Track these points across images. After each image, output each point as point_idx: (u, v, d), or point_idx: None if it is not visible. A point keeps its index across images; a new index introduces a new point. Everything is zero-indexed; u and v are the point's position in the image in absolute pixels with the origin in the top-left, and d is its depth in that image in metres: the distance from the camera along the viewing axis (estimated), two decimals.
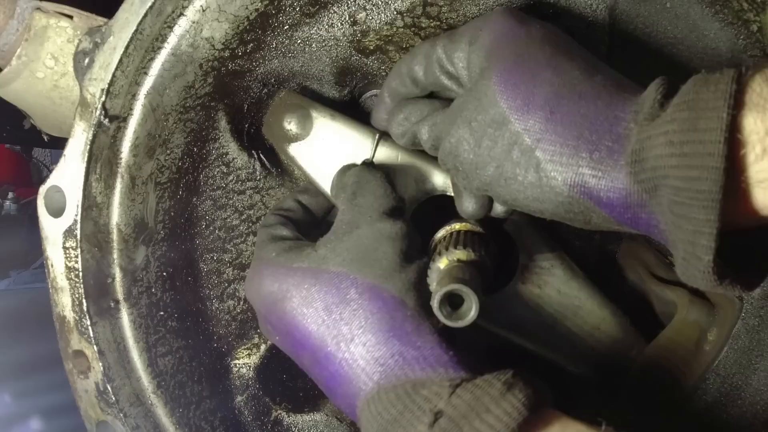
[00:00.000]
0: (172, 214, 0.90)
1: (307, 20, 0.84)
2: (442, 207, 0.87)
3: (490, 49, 0.67)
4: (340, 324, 0.66)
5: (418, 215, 0.86)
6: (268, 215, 0.88)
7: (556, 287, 0.85)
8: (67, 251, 0.83)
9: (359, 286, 0.67)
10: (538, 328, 0.87)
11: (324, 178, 0.87)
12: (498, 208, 0.76)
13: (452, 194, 0.82)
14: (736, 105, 0.48)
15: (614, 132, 0.57)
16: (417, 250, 0.73)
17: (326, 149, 0.86)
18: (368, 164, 0.83)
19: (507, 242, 0.86)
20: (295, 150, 0.88)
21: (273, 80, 0.89)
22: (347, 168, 0.82)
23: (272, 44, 0.85)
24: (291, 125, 0.87)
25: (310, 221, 0.88)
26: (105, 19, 0.84)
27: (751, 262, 0.57)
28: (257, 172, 0.93)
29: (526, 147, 0.61)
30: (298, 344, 0.69)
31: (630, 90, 0.60)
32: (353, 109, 0.93)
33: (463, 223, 0.79)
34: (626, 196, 0.56)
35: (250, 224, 0.96)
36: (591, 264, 0.95)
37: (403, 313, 0.65)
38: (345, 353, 0.64)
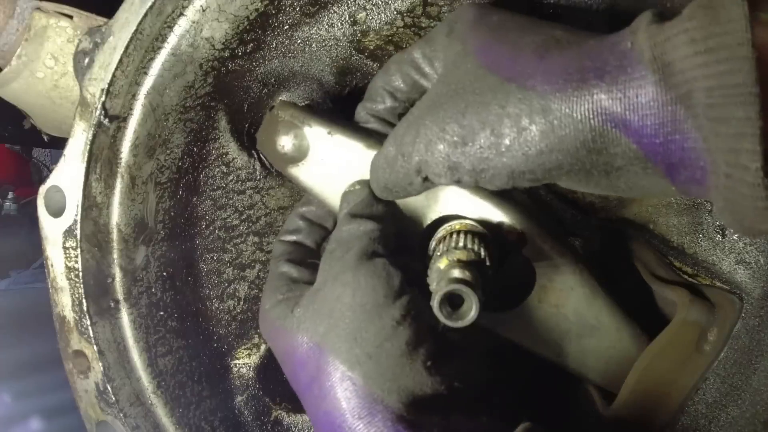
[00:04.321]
0: (172, 214, 0.90)
1: (307, 20, 0.84)
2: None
3: (465, 34, 0.64)
4: (312, 396, 0.64)
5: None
6: (276, 242, 0.84)
7: (574, 307, 0.83)
8: (67, 251, 0.83)
9: (321, 360, 0.63)
10: (552, 343, 0.85)
11: (331, 195, 0.81)
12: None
13: (465, 214, 0.78)
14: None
15: (617, 51, 0.51)
16: (394, 291, 0.65)
17: (328, 168, 0.80)
18: (356, 210, 0.74)
19: (525, 261, 0.82)
20: (294, 171, 0.82)
21: (273, 80, 0.89)
22: (351, 192, 0.76)
23: (272, 44, 0.85)
24: (286, 148, 0.81)
25: (321, 234, 0.85)
26: (105, 19, 0.84)
27: None
28: (257, 172, 0.93)
29: (523, 94, 0.54)
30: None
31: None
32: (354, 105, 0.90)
33: (463, 223, 0.79)
34: (658, 110, 0.49)
35: (250, 224, 0.96)
36: (592, 264, 0.95)
37: (355, 395, 0.60)
38: (316, 426, 0.64)
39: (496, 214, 0.77)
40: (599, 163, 0.54)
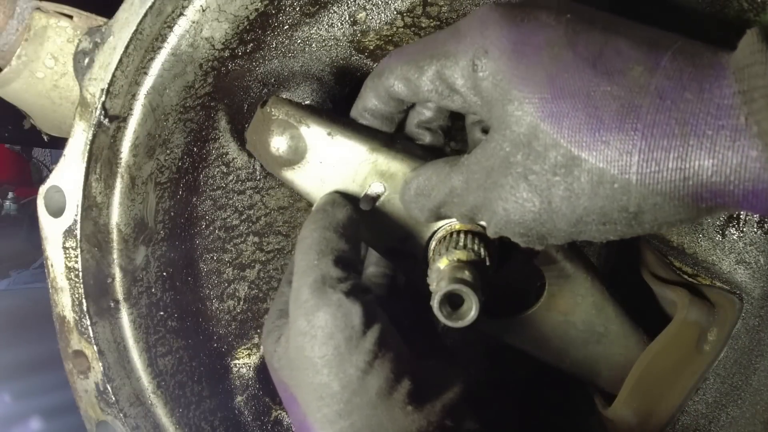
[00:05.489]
0: (172, 214, 0.90)
1: (307, 20, 0.84)
2: None
3: (509, 77, 0.53)
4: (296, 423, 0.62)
5: None
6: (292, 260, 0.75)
7: (583, 316, 0.83)
8: (67, 251, 0.83)
9: (299, 413, 0.60)
10: (557, 350, 0.85)
11: None
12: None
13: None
14: None
15: (729, 125, 0.45)
16: (355, 333, 0.57)
17: (327, 172, 0.73)
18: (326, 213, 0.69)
19: (534, 268, 0.82)
20: (289, 175, 0.75)
21: (273, 80, 0.89)
22: (330, 202, 0.70)
23: (272, 44, 0.85)
24: (280, 150, 0.72)
25: None
26: (105, 19, 0.84)
27: None
28: (257, 172, 0.93)
29: (619, 179, 0.48)
30: None
31: (704, 58, 0.48)
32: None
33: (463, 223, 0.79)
34: None
35: (250, 224, 0.96)
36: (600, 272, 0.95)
37: None
38: None
39: None
40: (701, 220, 0.54)
